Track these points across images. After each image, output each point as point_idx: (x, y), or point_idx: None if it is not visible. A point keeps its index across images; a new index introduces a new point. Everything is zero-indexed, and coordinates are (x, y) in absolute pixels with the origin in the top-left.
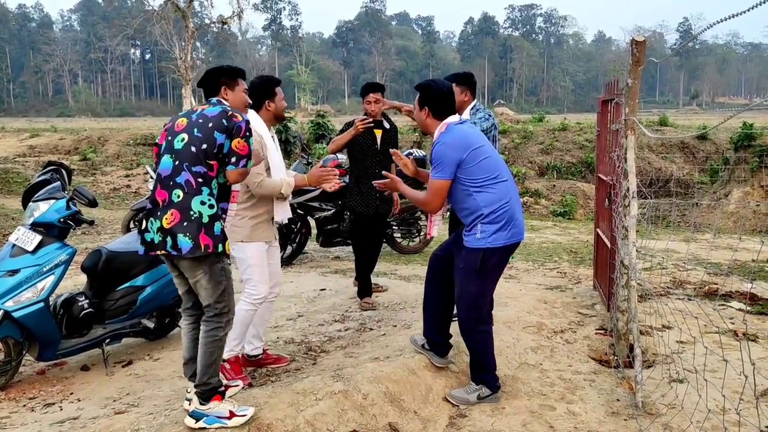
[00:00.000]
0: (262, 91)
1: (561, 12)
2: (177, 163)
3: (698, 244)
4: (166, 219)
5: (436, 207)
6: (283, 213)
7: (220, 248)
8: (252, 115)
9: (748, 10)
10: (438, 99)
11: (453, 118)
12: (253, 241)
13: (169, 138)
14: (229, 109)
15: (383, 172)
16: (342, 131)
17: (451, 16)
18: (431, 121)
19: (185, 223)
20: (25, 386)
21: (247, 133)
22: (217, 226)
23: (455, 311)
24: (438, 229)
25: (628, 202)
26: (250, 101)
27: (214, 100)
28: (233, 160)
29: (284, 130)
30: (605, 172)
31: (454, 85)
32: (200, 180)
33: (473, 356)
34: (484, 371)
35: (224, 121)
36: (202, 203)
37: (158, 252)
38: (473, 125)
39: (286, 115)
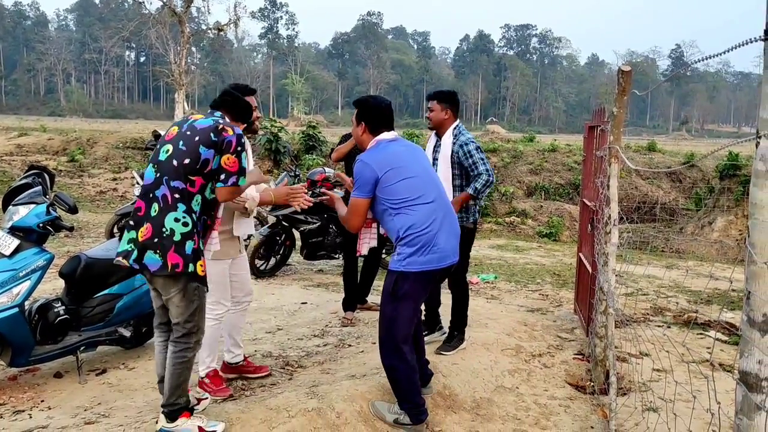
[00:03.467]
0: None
1: (556, 33)
2: (158, 175)
3: (680, 271)
4: (141, 232)
5: (355, 226)
6: (245, 228)
7: (191, 268)
8: None
9: (740, 45)
10: (374, 114)
11: (386, 135)
12: (216, 260)
13: (158, 147)
14: (220, 122)
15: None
16: (340, 143)
17: (447, 33)
18: (366, 137)
19: (156, 239)
20: None
21: (239, 149)
22: (189, 244)
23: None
24: (368, 246)
25: (609, 229)
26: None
27: (217, 113)
28: (222, 177)
29: (275, 140)
30: (589, 197)
31: (435, 102)
32: (177, 196)
33: (388, 378)
34: (401, 398)
35: (212, 135)
36: (176, 220)
37: (124, 263)
38: (408, 142)
39: (277, 124)
